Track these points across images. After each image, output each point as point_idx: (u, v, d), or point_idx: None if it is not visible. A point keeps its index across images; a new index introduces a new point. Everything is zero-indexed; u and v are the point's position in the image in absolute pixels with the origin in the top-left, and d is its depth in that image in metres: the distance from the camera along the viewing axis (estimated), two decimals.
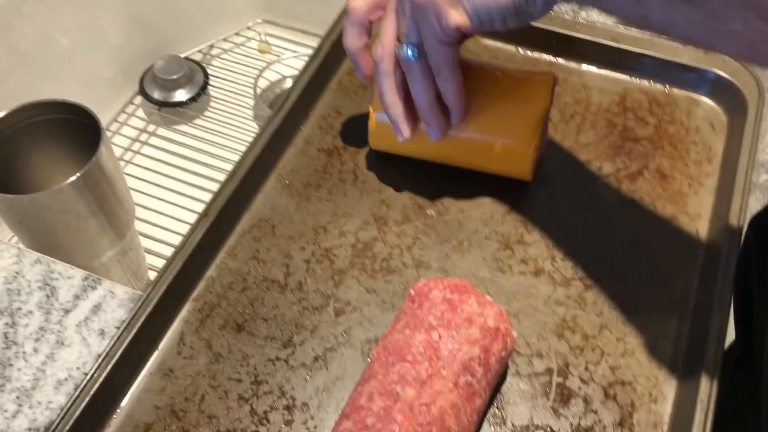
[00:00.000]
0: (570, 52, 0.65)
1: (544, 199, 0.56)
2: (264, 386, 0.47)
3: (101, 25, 0.97)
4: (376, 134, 0.56)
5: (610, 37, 0.64)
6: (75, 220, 0.66)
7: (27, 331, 0.50)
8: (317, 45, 0.64)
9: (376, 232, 0.55)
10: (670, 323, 0.50)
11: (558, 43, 0.65)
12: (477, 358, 0.41)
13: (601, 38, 0.64)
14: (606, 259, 0.53)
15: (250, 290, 0.51)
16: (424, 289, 0.46)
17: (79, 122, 0.70)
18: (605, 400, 0.46)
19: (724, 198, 0.55)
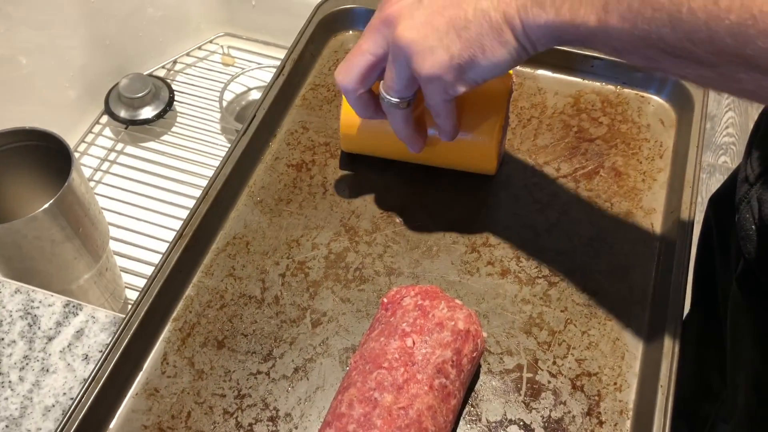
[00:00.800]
0: None
1: (507, 201, 0.59)
2: (248, 399, 0.49)
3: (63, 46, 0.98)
4: (346, 137, 0.58)
5: None
6: (50, 245, 0.67)
7: (11, 361, 0.51)
8: (280, 63, 0.65)
9: (347, 243, 0.56)
10: (631, 313, 0.52)
11: None
12: (450, 360, 0.44)
13: None
14: (567, 256, 0.56)
15: (228, 307, 0.53)
16: (396, 297, 0.48)
17: (48, 148, 0.70)
18: (573, 392, 0.49)
19: (676, 191, 0.58)
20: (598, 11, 0.38)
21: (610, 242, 0.56)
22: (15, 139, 0.69)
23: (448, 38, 0.43)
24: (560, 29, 0.40)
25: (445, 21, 0.43)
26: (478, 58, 0.43)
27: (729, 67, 0.34)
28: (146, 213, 0.94)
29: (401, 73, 0.47)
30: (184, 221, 0.54)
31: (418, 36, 0.44)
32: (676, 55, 0.36)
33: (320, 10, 0.69)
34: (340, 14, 0.70)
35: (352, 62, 0.49)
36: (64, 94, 0.99)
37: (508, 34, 0.42)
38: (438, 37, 0.43)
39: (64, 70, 0.99)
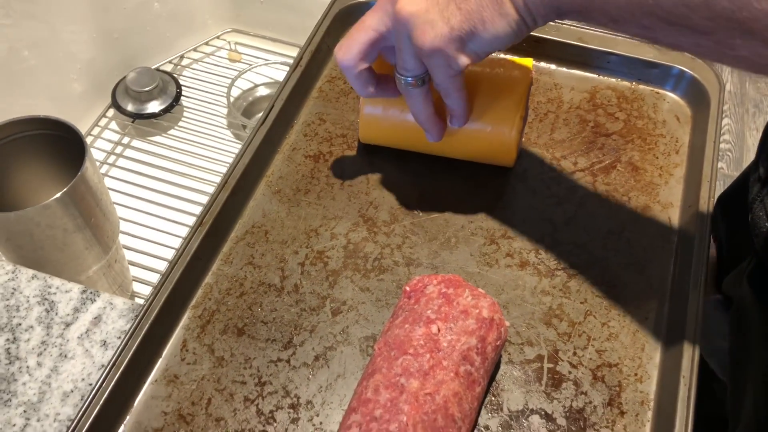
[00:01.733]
0: (541, 53, 0.68)
1: (525, 194, 0.59)
2: (268, 387, 0.48)
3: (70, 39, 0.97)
4: (365, 128, 0.58)
5: (577, 38, 0.67)
6: (62, 235, 0.66)
7: (29, 346, 0.51)
8: (297, 55, 0.65)
9: (366, 233, 0.56)
10: (650, 306, 0.52)
11: (528, 45, 0.68)
12: (475, 347, 0.44)
13: (569, 39, 0.67)
14: (586, 249, 0.56)
15: (247, 295, 0.53)
16: (419, 285, 0.48)
17: (60, 137, 0.70)
18: (594, 383, 0.49)
19: (693, 186, 0.58)
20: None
21: (627, 236, 0.56)
22: (29, 127, 0.69)
23: (448, 11, 0.43)
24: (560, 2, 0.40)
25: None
26: (479, 30, 0.44)
27: (724, 33, 0.34)
28: (152, 206, 0.93)
29: (407, 49, 0.47)
30: (204, 208, 0.54)
31: (419, 9, 0.44)
32: (672, 22, 0.36)
33: (337, 3, 0.69)
34: (357, 7, 0.70)
35: (353, 38, 0.49)
36: (71, 87, 0.99)
37: (508, 5, 0.42)
38: (438, 10, 0.44)
39: (71, 63, 0.98)
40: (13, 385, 0.49)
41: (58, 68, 0.97)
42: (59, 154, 0.71)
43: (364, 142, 0.61)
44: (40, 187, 0.74)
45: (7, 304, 0.53)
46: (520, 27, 0.43)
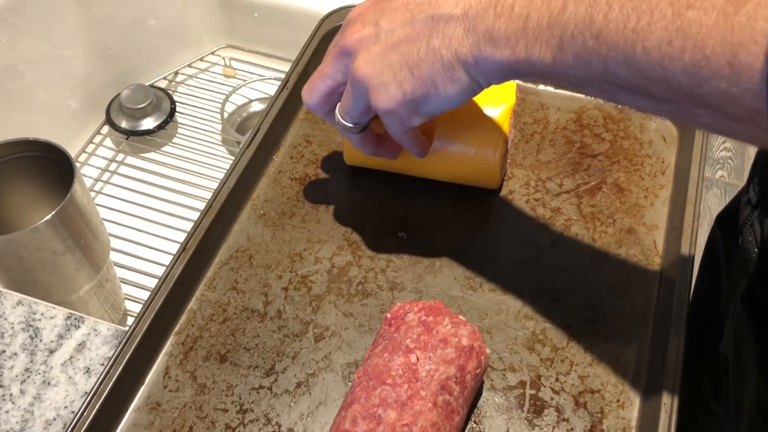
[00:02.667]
0: None
1: (509, 216, 0.59)
2: (250, 414, 0.48)
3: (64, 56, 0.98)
4: (350, 150, 0.58)
5: None
6: (51, 257, 0.66)
7: (12, 374, 0.51)
8: (284, 77, 0.65)
9: (350, 257, 0.56)
10: (633, 331, 0.52)
11: None
12: (454, 377, 0.44)
13: None
14: (570, 272, 0.56)
15: (230, 321, 0.53)
16: (399, 312, 0.48)
17: (49, 158, 0.70)
18: (576, 409, 0.49)
19: (678, 208, 0.58)
20: (553, 49, 0.38)
21: (612, 259, 0.56)
22: (17, 149, 0.69)
23: (401, 74, 0.44)
24: (515, 66, 0.41)
25: (398, 57, 0.44)
26: (431, 95, 0.44)
27: (685, 104, 0.34)
28: (146, 224, 0.94)
29: (358, 103, 0.48)
30: (188, 234, 0.54)
31: (374, 71, 0.45)
32: (632, 90, 0.36)
33: (324, 24, 0.70)
34: None
35: (314, 84, 0.50)
36: (65, 104, 0.99)
37: (460, 71, 0.43)
38: (392, 74, 0.44)
39: (65, 80, 0.99)
40: None
41: (53, 85, 0.97)
42: (49, 175, 0.71)
43: (349, 164, 0.61)
44: (30, 209, 0.74)
45: None
46: (473, 88, 0.44)
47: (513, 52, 0.40)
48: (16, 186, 0.72)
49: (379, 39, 0.45)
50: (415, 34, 0.43)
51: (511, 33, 0.40)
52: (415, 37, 0.43)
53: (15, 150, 0.69)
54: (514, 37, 0.40)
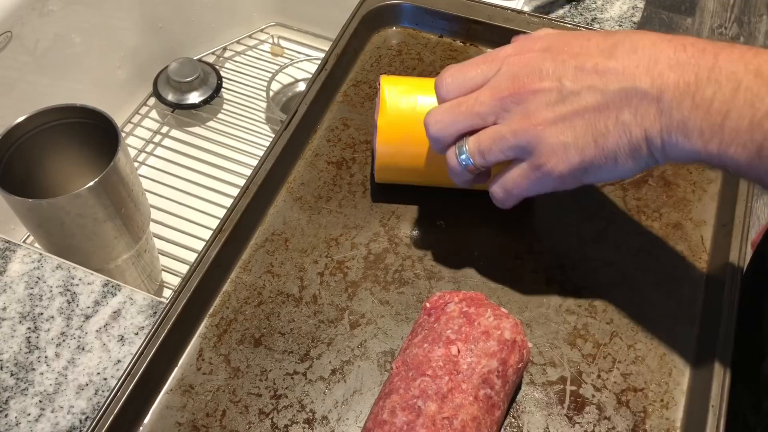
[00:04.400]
0: None
1: (552, 208, 0.57)
2: (284, 400, 0.48)
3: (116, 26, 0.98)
4: (383, 171, 0.56)
5: None
6: (92, 224, 0.66)
7: (49, 336, 0.51)
8: (323, 58, 0.64)
9: (387, 244, 0.55)
10: (678, 329, 0.51)
11: None
12: (495, 370, 0.42)
13: None
14: (614, 266, 0.54)
15: (265, 304, 0.52)
16: (439, 302, 0.47)
17: (96, 126, 0.70)
18: (618, 407, 0.47)
19: (728, 204, 0.56)
20: (751, 154, 0.37)
21: (657, 254, 0.55)
22: (64, 115, 0.69)
23: (583, 141, 0.42)
24: (704, 158, 0.39)
25: (583, 124, 0.42)
26: (607, 167, 0.42)
27: None
28: (187, 197, 0.93)
29: (507, 152, 0.45)
30: (224, 216, 0.54)
31: (555, 131, 0.42)
32: None
33: (364, 5, 0.68)
34: (384, 9, 0.69)
35: (456, 117, 0.46)
36: (114, 74, 0.99)
37: (644, 150, 0.41)
38: (574, 138, 0.42)
39: (115, 50, 0.99)
40: (31, 374, 0.49)
41: (103, 55, 0.97)
42: (94, 142, 0.71)
43: (380, 182, 0.58)
44: (74, 175, 0.74)
45: (31, 293, 0.53)
46: (649, 165, 0.42)
47: (705, 147, 0.39)
48: (62, 152, 0.72)
49: (562, 100, 0.42)
50: (605, 103, 0.41)
51: (706, 128, 0.38)
52: (604, 106, 0.41)
53: (62, 116, 0.70)
54: (708, 132, 0.38)
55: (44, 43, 0.88)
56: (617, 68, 0.41)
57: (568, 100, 0.42)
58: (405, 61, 0.68)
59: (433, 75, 0.66)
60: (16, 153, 0.69)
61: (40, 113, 0.69)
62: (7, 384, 0.49)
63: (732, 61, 0.38)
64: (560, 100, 0.42)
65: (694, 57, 0.39)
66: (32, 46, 0.87)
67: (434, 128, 0.47)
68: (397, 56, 0.68)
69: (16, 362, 0.50)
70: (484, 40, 0.68)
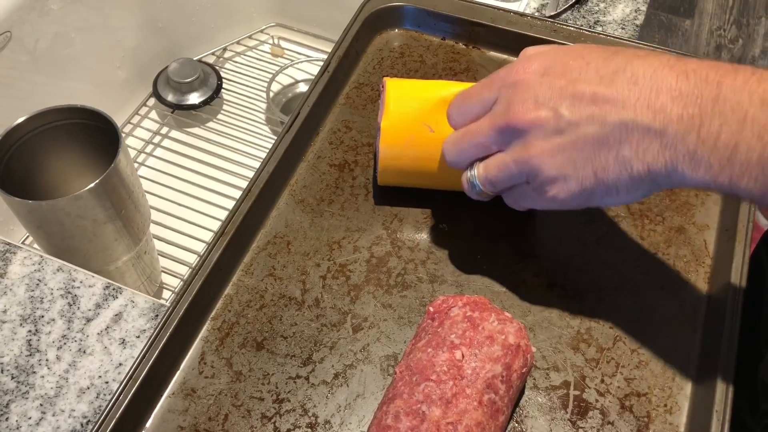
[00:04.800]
0: None
1: (555, 212, 0.57)
2: (286, 404, 0.47)
3: (116, 26, 0.97)
4: (385, 174, 0.56)
5: None
6: (92, 225, 0.66)
7: (50, 339, 0.51)
8: (325, 60, 0.64)
9: (389, 247, 0.55)
10: (682, 333, 0.51)
11: None
12: (500, 375, 0.42)
13: None
14: (617, 270, 0.54)
15: (267, 308, 0.52)
16: (442, 306, 0.46)
17: (96, 126, 0.70)
18: (621, 412, 0.47)
19: (731, 209, 0.56)
20: (764, 186, 0.36)
21: (660, 258, 0.54)
22: (65, 116, 0.69)
23: (583, 173, 0.42)
24: (714, 187, 0.39)
25: (583, 157, 0.41)
26: (609, 197, 0.43)
27: None
28: (187, 198, 0.93)
29: (512, 180, 0.46)
30: (226, 219, 0.53)
31: (554, 164, 0.42)
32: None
33: (367, 7, 0.68)
34: (387, 11, 0.68)
35: (464, 147, 0.47)
36: (113, 74, 0.99)
37: (647, 183, 0.41)
38: (574, 169, 0.42)
39: (115, 50, 0.99)
40: (32, 377, 0.49)
41: (102, 55, 0.97)
42: (95, 143, 0.71)
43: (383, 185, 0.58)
44: (74, 176, 0.74)
45: (32, 295, 0.53)
46: (653, 191, 0.42)
47: (715, 179, 0.38)
48: (62, 153, 0.72)
49: (560, 130, 0.42)
50: (604, 137, 0.40)
51: (714, 162, 0.37)
52: (604, 140, 0.41)
53: (62, 116, 0.69)
54: (717, 166, 0.37)
55: (43, 42, 0.87)
56: (617, 99, 0.40)
57: (566, 131, 0.42)
58: (407, 63, 0.67)
59: (436, 77, 0.66)
60: (16, 154, 0.68)
61: (40, 114, 0.68)
62: (8, 387, 0.49)
63: (736, 90, 0.37)
64: (558, 131, 0.42)
65: (697, 87, 0.38)
66: (32, 45, 0.86)
67: (448, 156, 0.49)
68: (399, 58, 0.68)
69: (16, 365, 0.50)
70: (486, 43, 0.68)
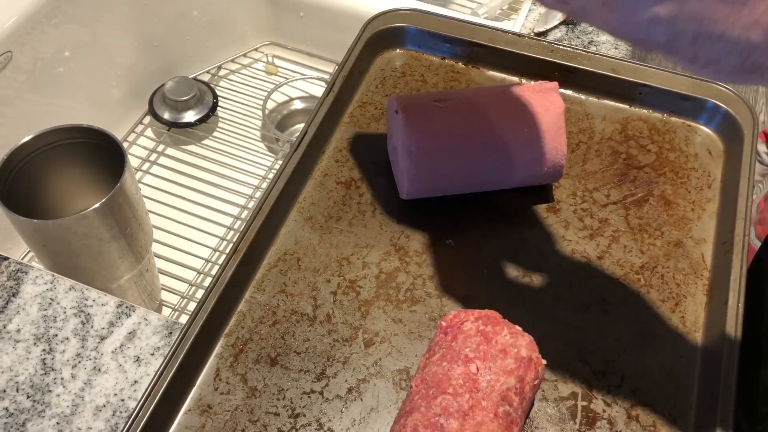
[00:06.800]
0: (572, 83, 0.68)
1: (557, 227, 0.59)
2: (302, 419, 0.48)
3: (111, 45, 0.98)
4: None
5: (610, 68, 0.67)
6: (98, 244, 0.67)
7: (64, 358, 0.51)
8: (329, 80, 0.65)
9: (398, 263, 0.56)
10: (684, 344, 0.52)
11: (560, 74, 0.68)
12: (513, 388, 0.43)
13: (601, 69, 0.67)
14: (619, 284, 0.55)
15: (280, 324, 0.53)
16: (455, 321, 0.48)
17: (100, 146, 0.71)
18: (628, 422, 0.49)
19: (727, 222, 0.58)
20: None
21: (661, 271, 0.56)
22: (70, 135, 0.70)
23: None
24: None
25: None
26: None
27: None
28: (184, 216, 0.93)
29: None
30: (238, 237, 0.54)
31: None
32: None
33: (369, 28, 0.69)
34: (388, 32, 0.70)
35: None
36: (109, 92, 0.99)
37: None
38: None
39: (111, 68, 0.99)
40: (48, 396, 0.49)
41: (99, 73, 0.98)
42: (98, 162, 0.71)
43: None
44: (76, 195, 0.74)
45: (45, 314, 0.53)
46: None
47: None
48: (64, 172, 0.72)
49: None
50: None
51: None
52: None
53: (67, 136, 0.70)
54: None
55: (41, 62, 0.88)
56: None
57: None
58: (409, 82, 0.69)
59: None
60: (20, 173, 0.69)
61: (44, 134, 0.69)
62: (24, 406, 0.49)
63: None
64: None
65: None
66: (30, 65, 0.87)
67: None
68: (401, 78, 0.69)
69: (32, 384, 0.50)
70: (485, 63, 0.70)
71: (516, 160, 0.56)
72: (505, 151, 0.56)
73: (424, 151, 0.55)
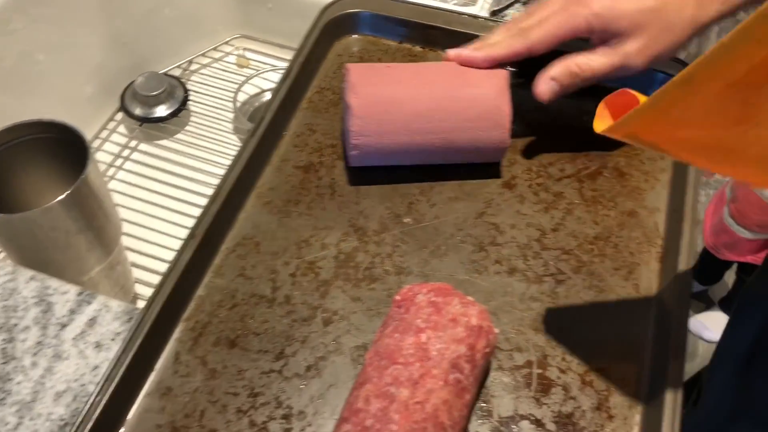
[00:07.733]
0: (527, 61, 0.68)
1: (512, 201, 0.60)
2: (261, 398, 0.49)
3: (81, 43, 0.98)
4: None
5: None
6: (64, 236, 0.67)
7: (25, 346, 0.51)
8: (287, 67, 0.66)
9: (356, 243, 0.57)
10: (637, 311, 0.53)
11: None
12: (464, 355, 0.44)
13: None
14: (573, 254, 0.56)
15: (239, 307, 0.53)
16: (408, 294, 0.48)
17: (64, 140, 0.71)
18: (582, 387, 0.49)
19: (679, 191, 0.59)
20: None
21: (614, 241, 0.57)
22: (34, 130, 0.70)
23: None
24: None
25: None
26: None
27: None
28: (158, 209, 0.94)
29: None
30: (196, 222, 0.55)
31: None
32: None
33: (325, 15, 0.70)
34: (344, 18, 0.71)
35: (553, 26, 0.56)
36: (80, 90, 1.00)
37: None
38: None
39: (81, 66, 0.99)
40: (8, 384, 0.50)
41: (68, 72, 0.98)
42: (64, 157, 0.72)
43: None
44: (44, 190, 0.74)
45: (6, 305, 0.54)
46: None
47: None
48: (31, 167, 0.72)
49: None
50: None
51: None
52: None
53: (30, 131, 0.70)
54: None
55: (8, 61, 0.88)
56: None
57: None
58: None
59: None
60: None
61: (7, 129, 0.69)
62: None
63: None
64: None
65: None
66: None
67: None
68: (359, 62, 0.70)
69: None
70: (443, 45, 0.71)
71: (461, 118, 0.57)
72: (450, 109, 0.57)
73: (366, 100, 0.56)
